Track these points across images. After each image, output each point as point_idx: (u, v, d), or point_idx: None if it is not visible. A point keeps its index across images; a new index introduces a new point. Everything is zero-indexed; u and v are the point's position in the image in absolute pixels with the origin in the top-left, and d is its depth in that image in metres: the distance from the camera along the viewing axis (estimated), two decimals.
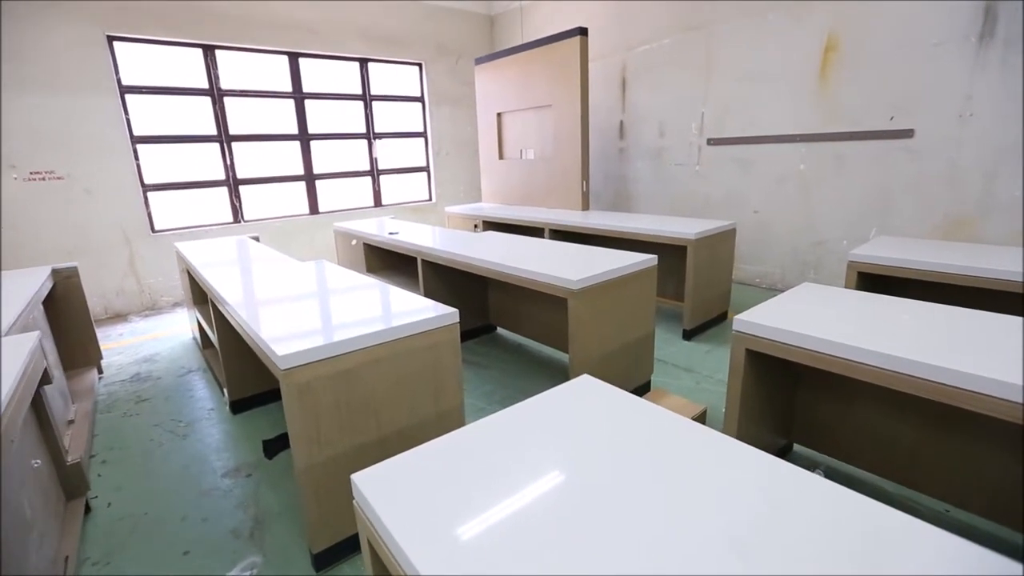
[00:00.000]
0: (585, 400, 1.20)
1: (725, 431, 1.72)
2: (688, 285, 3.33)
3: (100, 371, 3.28)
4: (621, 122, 5.49)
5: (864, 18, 3.68)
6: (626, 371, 2.54)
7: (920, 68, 3.50)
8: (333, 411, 1.51)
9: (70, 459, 1.91)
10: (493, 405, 2.69)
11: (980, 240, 3.42)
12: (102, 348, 3.74)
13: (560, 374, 3.03)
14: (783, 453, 2.12)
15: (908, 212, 3.72)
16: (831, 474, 1.99)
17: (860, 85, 3.78)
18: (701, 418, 2.08)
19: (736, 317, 1.65)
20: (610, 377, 2.45)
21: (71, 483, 1.91)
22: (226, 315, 2.08)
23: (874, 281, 2.67)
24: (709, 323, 3.65)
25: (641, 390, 2.69)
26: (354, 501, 0.94)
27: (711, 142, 4.78)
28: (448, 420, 1.82)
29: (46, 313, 2.92)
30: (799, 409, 2.03)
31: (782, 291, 4.51)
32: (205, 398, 2.89)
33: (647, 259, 2.49)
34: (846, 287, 2.59)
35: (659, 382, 2.84)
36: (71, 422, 2.46)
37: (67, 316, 3.04)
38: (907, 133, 3.63)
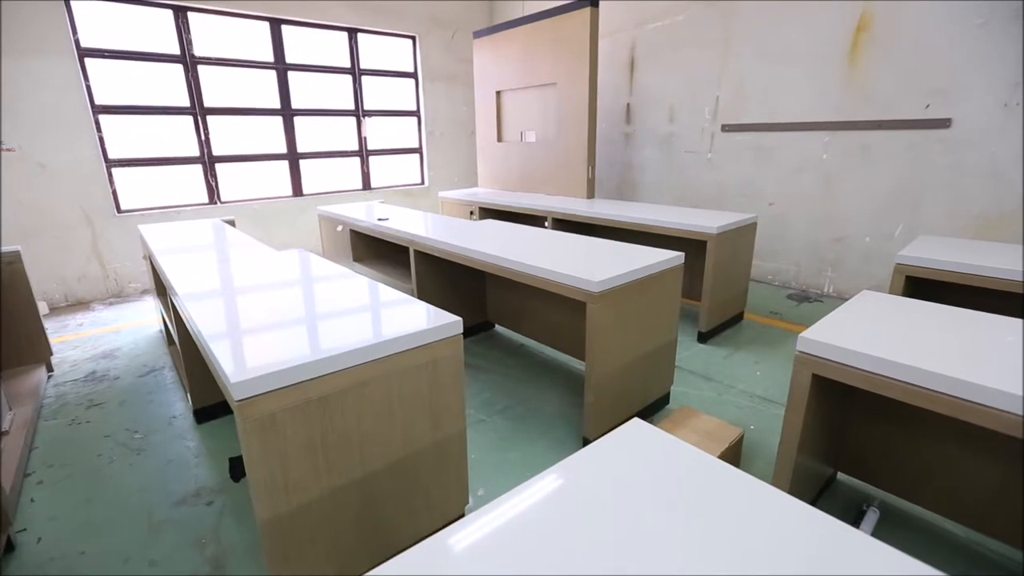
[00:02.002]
0: (646, 461, 0.89)
1: (779, 469, 1.45)
2: (706, 283, 3.05)
3: (50, 369, 2.91)
4: (628, 105, 5.15)
5: None
6: (646, 382, 2.25)
7: (961, 51, 3.21)
8: (305, 449, 1.20)
9: None
10: (493, 416, 2.39)
11: (1017, 240, 3.18)
12: (57, 341, 3.38)
13: (566, 379, 2.74)
14: (828, 484, 1.86)
15: (939, 208, 3.46)
16: (886, 511, 1.73)
17: (893, 69, 3.49)
18: (738, 444, 1.81)
19: (801, 336, 1.36)
20: (629, 390, 2.17)
21: None
22: (182, 315, 1.74)
23: (920, 285, 2.40)
24: (725, 324, 3.38)
25: (660, 403, 2.41)
26: None
27: (725, 128, 4.47)
28: (448, 449, 1.52)
29: None
30: (848, 434, 1.76)
31: (795, 289, 4.26)
32: (167, 403, 2.56)
33: (673, 256, 2.19)
34: (891, 291, 2.32)
35: (678, 393, 2.56)
36: (4, 433, 2.12)
37: (8, 307, 2.67)
38: (943, 123, 3.35)
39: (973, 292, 2.31)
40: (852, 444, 1.76)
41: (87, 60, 4.03)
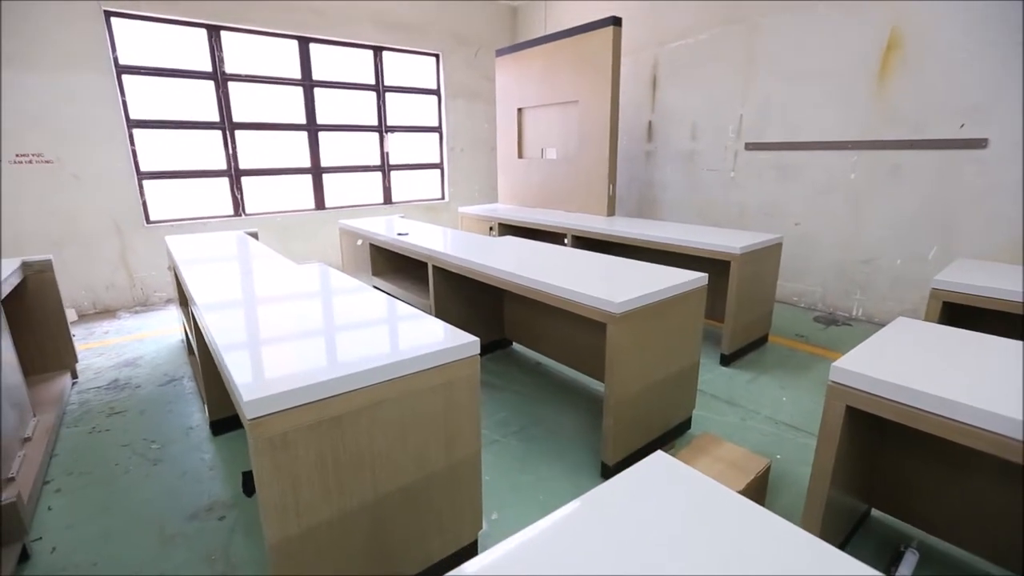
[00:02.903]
0: (670, 498, 0.85)
1: (809, 506, 1.37)
2: (730, 305, 2.97)
3: (75, 376, 2.97)
4: (650, 122, 5.13)
5: (934, 12, 3.30)
6: (667, 406, 2.19)
7: (998, 69, 3.11)
8: (317, 470, 1.17)
9: (5, 496, 1.59)
10: (509, 437, 2.34)
11: None
12: (84, 348, 3.45)
13: (583, 400, 2.68)
14: (861, 520, 1.76)
15: (974, 231, 3.33)
16: (925, 552, 1.63)
17: (925, 88, 3.40)
18: (764, 476, 1.72)
19: (834, 365, 1.30)
20: (650, 414, 2.10)
21: (5, 525, 1.59)
22: (200, 326, 1.75)
23: (957, 311, 2.30)
24: (749, 347, 3.28)
25: (682, 427, 2.33)
26: None
27: (749, 147, 4.40)
28: (462, 472, 1.48)
29: (14, 310, 2.62)
30: (884, 468, 1.66)
31: (822, 311, 4.13)
32: (186, 414, 2.57)
33: (696, 277, 2.14)
34: (927, 318, 2.22)
35: (700, 417, 2.48)
36: (27, 440, 2.15)
37: (38, 315, 2.73)
38: (979, 143, 3.24)
39: (1014, 320, 2.20)
40: (888, 479, 1.67)
41: (124, 76, 4.18)
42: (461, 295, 3.04)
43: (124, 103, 4.21)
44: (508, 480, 2.04)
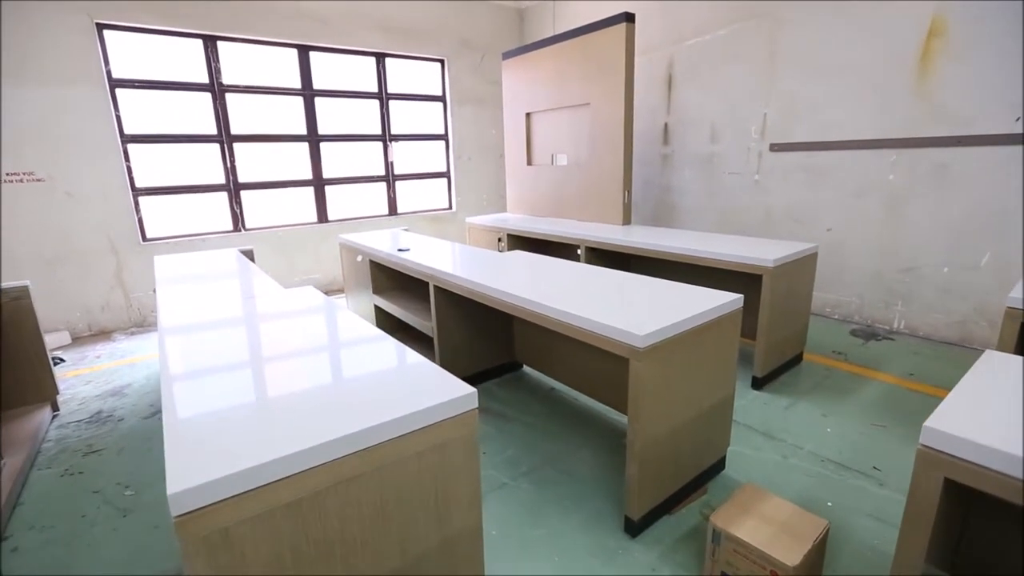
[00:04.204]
0: None
1: None
2: (762, 323, 2.68)
3: (55, 408, 2.78)
4: (666, 124, 4.86)
5: None
6: (699, 446, 1.91)
7: None
8: (272, 569, 0.93)
9: None
10: (518, 479, 2.09)
11: None
12: (72, 374, 3.28)
13: (601, 434, 2.41)
14: None
15: None
16: None
17: (973, 79, 3.09)
18: (823, 542, 1.44)
19: (927, 425, 1.02)
20: (680, 456, 1.82)
21: None
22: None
23: None
24: (783, 367, 2.98)
25: (715, 469, 2.05)
26: None
27: (774, 148, 4.11)
28: (460, 548, 1.22)
29: None
30: (971, 537, 1.37)
31: (859, 324, 3.80)
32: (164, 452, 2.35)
33: (731, 300, 1.86)
34: (1002, 342, 1.92)
35: (735, 455, 2.19)
36: None
37: (13, 345, 2.55)
38: None
39: None
40: (974, 548, 1.37)
41: (118, 90, 4.04)
42: (466, 315, 2.80)
43: (118, 118, 4.07)
44: (517, 535, 1.78)
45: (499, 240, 4.54)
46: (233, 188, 4.67)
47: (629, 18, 3.67)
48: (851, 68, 3.58)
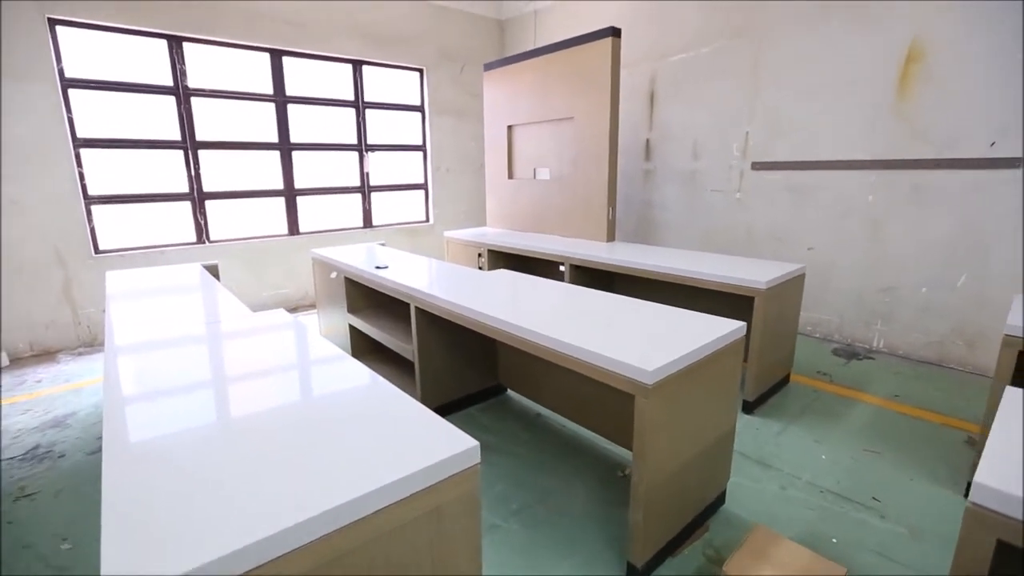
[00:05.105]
0: None
1: None
2: (754, 347, 2.62)
3: None
4: (648, 140, 4.84)
5: (958, 22, 3.06)
6: (702, 483, 1.81)
7: None
8: None
9: None
10: (509, 520, 1.94)
11: None
12: (8, 402, 2.96)
13: (593, 465, 2.29)
14: None
15: (1010, 257, 3.05)
16: None
17: (952, 103, 3.15)
18: None
19: (977, 482, 0.93)
20: (683, 495, 1.71)
21: None
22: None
23: None
24: (771, 389, 2.93)
25: (715, 505, 1.95)
26: None
27: (756, 166, 4.12)
28: None
29: None
30: None
31: (839, 343, 3.82)
32: None
33: (735, 328, 1.78)
34: (1000, 370, 1.89)
35: (735, 488, 2.10)
36: None
37: None
38: (1013, 162, 2.98)
39: None
40: None
41: (71, 91, 3.75)
42: (448, 338, 2.65)
43: (70, 120, 3.77)
44: None
45: (479, 255, 4.40)
46: (197, 197, 4.40)
47: (615, 33, 3.62)
48: (833, 89, 3.62)
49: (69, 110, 3.76)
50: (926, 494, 2.08)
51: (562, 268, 3.66)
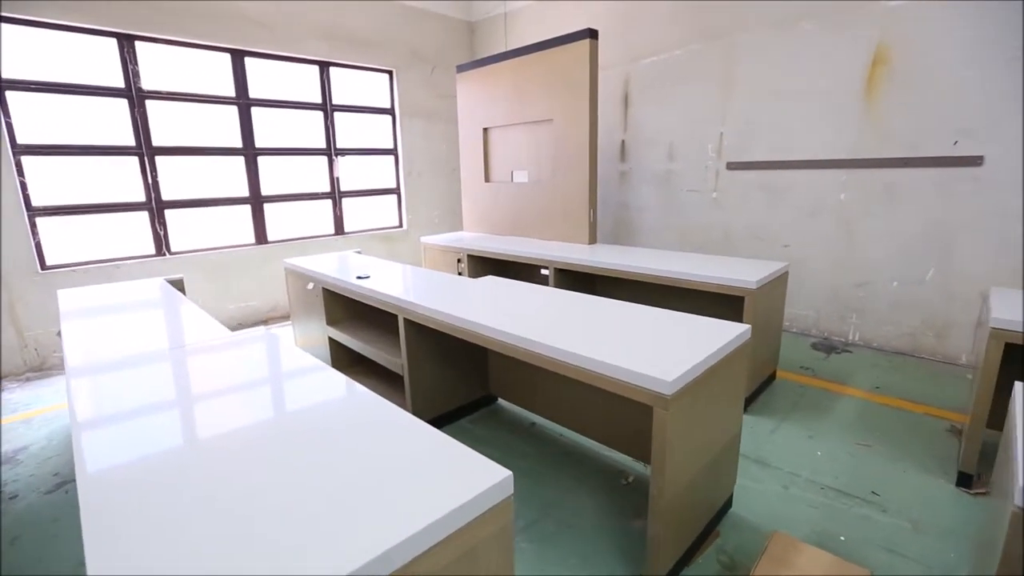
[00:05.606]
0: None
1: None
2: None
3: None
4: (623, 142, 4.86)
5: (921, 26, 3.18)
6: (712, 490, 1.78)
7: (991, 86, 3.01)
8: None
9: None
10: (518, 537, 1.86)
11: None
12: None
13: (595, 474, 2.24)
14: None
15: (974, 251, 3.19)
16: None
17: (916, 104, 3.27)
18: None
19: (1015, 513, 0.92)
20: (696, 504, 1.67)
21: None
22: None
23: (1014, 352, 2.04)
24: (760, 387, 2.96)
25: (724, 510, 1.93)
26: None
27: (731, 166, 4.19)
28: None
29: None
30: None
31: (817, 337, 3.91)
32: (77, 539, 1.91)
33: (742, 331, 1.76)
34: (987, 363, 1.94)
35: (739, 490, 2.08)
36: None
37: None
38: (974, 160, 3.12)
39: None
40: None
41: (7, 92, 3.44)
42: (438, 349, 2.55)
43: (9, 125, 3.46)
44: None
45: (459, 261, 4.30)
46: (155, 207, 4.12)
47: (593, 35, 3.60)
48: (803, 92, 3.71)
49: (7, 115, 3.45)
50: (920, 485, 2.12)
51: (545, 272, 3.61)
